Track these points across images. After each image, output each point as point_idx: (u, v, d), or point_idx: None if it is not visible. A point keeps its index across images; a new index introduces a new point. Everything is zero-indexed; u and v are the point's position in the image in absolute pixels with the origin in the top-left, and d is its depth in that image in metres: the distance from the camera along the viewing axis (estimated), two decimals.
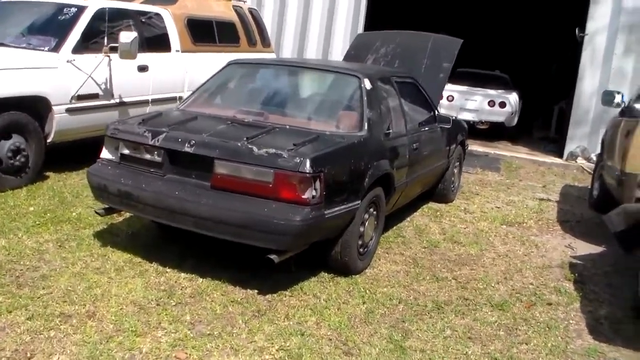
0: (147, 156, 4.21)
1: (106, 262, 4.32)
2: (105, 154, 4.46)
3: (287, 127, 4.46)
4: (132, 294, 3.86)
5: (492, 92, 12.37)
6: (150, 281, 4.08)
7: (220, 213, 3.86)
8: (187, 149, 4.02)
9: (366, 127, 4.57)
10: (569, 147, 11.17)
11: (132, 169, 4.28)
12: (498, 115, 12.13)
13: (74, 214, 5.21)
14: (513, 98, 12.40)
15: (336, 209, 4.04)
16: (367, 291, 4.34)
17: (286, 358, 3.35)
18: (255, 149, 3.89)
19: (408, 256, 5.18)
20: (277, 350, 3.41)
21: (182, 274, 4.22)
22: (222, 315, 3.74)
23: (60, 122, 5.98)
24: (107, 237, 4.79)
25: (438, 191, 6.95)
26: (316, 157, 3.87)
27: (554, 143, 12.66)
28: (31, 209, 5.23)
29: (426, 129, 5.89)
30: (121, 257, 4.41)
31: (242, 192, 3.90)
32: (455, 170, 7.23)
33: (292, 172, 3.79)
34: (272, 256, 3.85)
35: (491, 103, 12.15)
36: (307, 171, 3.78)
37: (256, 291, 4.09)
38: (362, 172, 4.35)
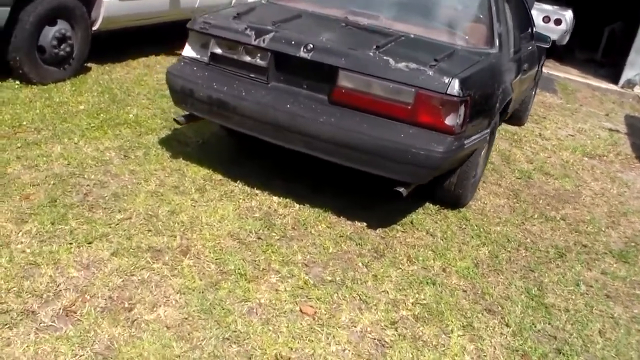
0: (247, 58, 3.45)
1: (183, 178, 3.68)
2: (188, 51, 3.68)
3: (412, 36, 3.67)
4: (226, 223, 3.26)
5: (547, 7, 11.36)
6: (241, 206, 3.46)
7: (344, 135, 3.18)
8: (303, 54, 3.27)
9: (497, 44, 3.81)
10: (627, 73, 10.38)
11: (225, 73, 3.52)
12: (552, 33, 11.13)
13: (130, 115, 4.49)
14: (569, 15, 11.42)
15: (473, 138, 3.39)
16: (481, 229, 3.79)
17: (426, 315, 2.82)
18: (391, 61, 3.17)
19: (506, 187, 4.62)
20: (413, 305, 2.87)
21: (275, 198, 3.61)
22: (337, 254, 3.16)
23: (109, 7, 5.12)
24: (175, 146, 4.12)
25: (514, 113, 6.27)
26: (465, 78, 3.17)
27: (601, 67, 11.87)
28: (81, 107, 4.50)
29: (529, 47, 5.15)
30: (198, 173, 3.76)
31: (368, 110, 3.21)
32: (533, 92, 6.54)
33: (439, 94, 3.10)
34: (401, 189, 3.24)
35: (546, 19, 11.18)
36: (456, 94, 3.09)
37: (365, 224, 3.51)
38: (495, 97, 3.68)
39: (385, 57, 3.19)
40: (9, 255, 2.68)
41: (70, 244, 2.84)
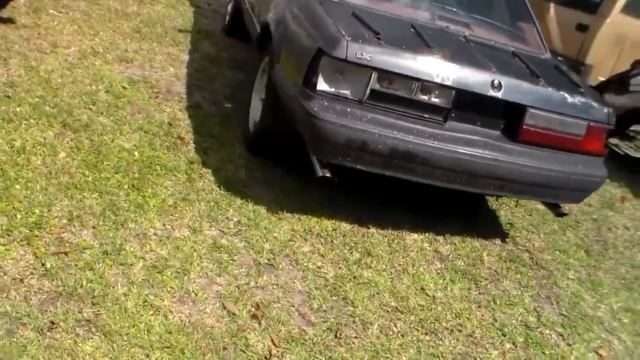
0: (421, 96, 3.11)
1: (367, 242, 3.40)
2: (324, 85, 2.97)
3: (513, 49, 3.80)
4: (442, 289, 3.20)
5: None
6: (426, 263, 3.41)
7: (536, 173, 3.37)
8: (493, 92, 3.17)
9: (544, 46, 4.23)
10: None
11: (389, 114, 3.09)
12: None
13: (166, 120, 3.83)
14: None
15: None
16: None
17: None
18: (567, 96, 3.41)
19: None
20: None
21: (439, 237, 3.66)
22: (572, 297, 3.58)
23: None
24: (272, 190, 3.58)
25: None
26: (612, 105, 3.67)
27: None
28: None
29: None
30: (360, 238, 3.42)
31: (547, 145, 3.45)
32: None
33: (605, 125, 3.53)
34: (565, 211, 3.73)
35: None
36: (613, 122, 3.57)
37: (527, 246, 3.95)
38: None
39: (560, 92, 3.39)
40: None
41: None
